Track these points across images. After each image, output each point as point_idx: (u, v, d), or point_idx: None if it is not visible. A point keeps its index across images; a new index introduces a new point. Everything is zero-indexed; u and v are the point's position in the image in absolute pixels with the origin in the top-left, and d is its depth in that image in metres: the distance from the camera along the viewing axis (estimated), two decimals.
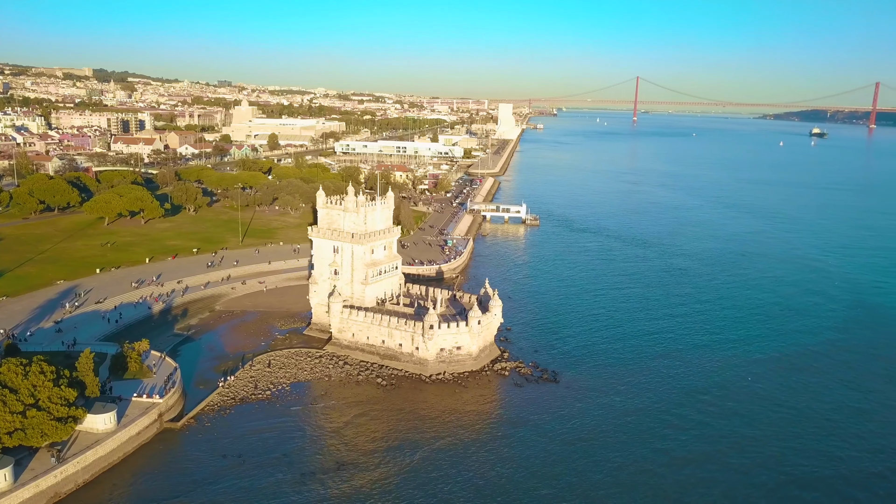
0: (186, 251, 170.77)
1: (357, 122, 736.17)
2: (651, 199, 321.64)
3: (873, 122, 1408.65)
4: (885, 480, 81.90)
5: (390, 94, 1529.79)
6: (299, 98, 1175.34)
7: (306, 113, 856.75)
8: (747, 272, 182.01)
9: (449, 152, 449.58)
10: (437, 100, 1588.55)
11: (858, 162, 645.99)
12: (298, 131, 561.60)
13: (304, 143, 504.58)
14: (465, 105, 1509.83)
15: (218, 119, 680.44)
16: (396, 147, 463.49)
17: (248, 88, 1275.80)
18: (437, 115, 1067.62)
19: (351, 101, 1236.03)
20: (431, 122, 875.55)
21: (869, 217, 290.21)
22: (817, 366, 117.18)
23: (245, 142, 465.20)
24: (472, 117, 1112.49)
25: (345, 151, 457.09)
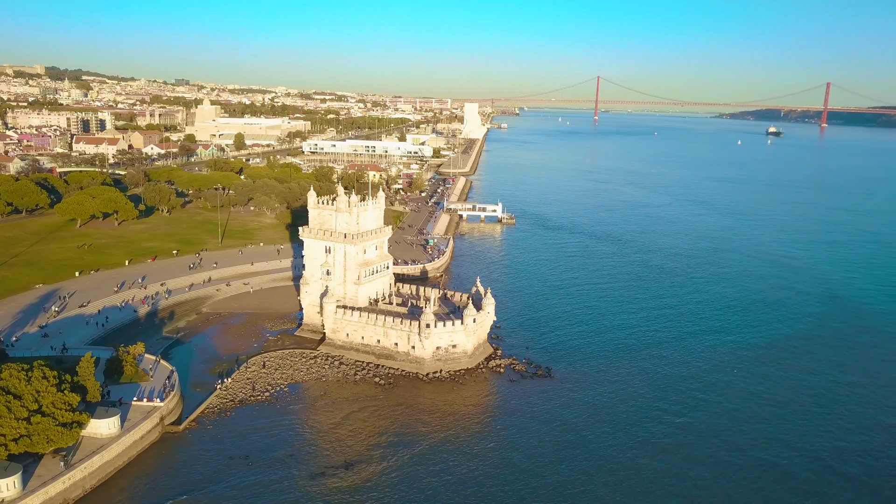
0: (166, 253, 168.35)
1: (322, 121, 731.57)
2: (620, 197, 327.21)
3: (825, 121, 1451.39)
4: (868, 456, 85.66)
5: (352, 93, 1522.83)
6: (260, 97, 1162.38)
7: (269, 112, 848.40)
8: (721, 268, 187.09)
9: (418, 152, 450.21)
10: (400, 99, 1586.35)
11: (813, 160, 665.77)
12: (264, 131, 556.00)
13: (270, 143, 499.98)
14: (428, 104, 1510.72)
15: (180, 118, 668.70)
16: (365, 146, 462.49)
17: (207, 87, 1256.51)
18: (401, 114, 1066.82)
19: (313, 101, 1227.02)
20: (396, 121, 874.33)
21: (828, 213, 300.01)
22: (796, 355, 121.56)
23: (210, 141, 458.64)
24: (436, 116, 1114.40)
25: (313, 151, 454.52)
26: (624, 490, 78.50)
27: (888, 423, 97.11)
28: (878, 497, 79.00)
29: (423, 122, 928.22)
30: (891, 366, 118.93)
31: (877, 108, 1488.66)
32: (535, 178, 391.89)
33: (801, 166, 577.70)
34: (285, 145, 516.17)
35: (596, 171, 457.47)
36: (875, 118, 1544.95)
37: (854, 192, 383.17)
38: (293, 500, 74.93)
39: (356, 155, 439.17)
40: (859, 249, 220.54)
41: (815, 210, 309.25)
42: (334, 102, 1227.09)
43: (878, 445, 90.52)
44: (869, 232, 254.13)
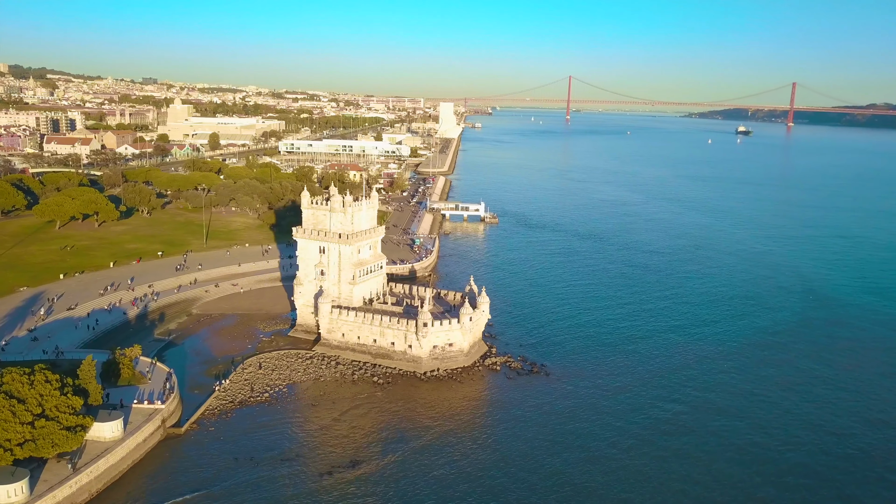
0: (150, 254, 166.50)
1: (296, 120, 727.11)
2: (599, 195, 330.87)
3: (791, 120, 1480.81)
4: (851, 438, 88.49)
5: (324, 92, 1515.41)
6: (231, 96, 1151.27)
7: (241, 112, 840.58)
8: (701, 264, 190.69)
9: (396, 151, 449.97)
10: (373, 98, 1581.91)
11: (782, 158, 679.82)
12: (238, 130, 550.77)
13: (245, 143, 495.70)
14: (400, 103, 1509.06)
15: (151, 118, 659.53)
16: (342, 146, 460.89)
17: (176, 86, 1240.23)
18: (374, 113, 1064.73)
19: (285, 100, 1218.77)
20: (370, 120, 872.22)
21: (800, 210, 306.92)
22: (780, 348, 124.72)
23: (184, 141, 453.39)
24: (409, 116, 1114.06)
25: (289, 151, 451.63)
26: (623, 483, 80.00)
27: (872, 414, 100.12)
28: (868, 487, 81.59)
29: (396, 121, 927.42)
30: (870, 358, 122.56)
31: (840, 107, 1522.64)
32: (514, 178, 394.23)
33: (771, 165, 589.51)
34: (260, 145, 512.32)
35: (572, 170, 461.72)
36: (839, 117, 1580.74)
37: (823, 190, 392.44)
38: (304, 497, 75.26)
39: (333, 155, 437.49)
40: (832, 245, 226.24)
41: (787, 207, 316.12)
42: (307, 102, 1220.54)
43: (864, 434, 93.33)
44: (840, 228, 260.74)
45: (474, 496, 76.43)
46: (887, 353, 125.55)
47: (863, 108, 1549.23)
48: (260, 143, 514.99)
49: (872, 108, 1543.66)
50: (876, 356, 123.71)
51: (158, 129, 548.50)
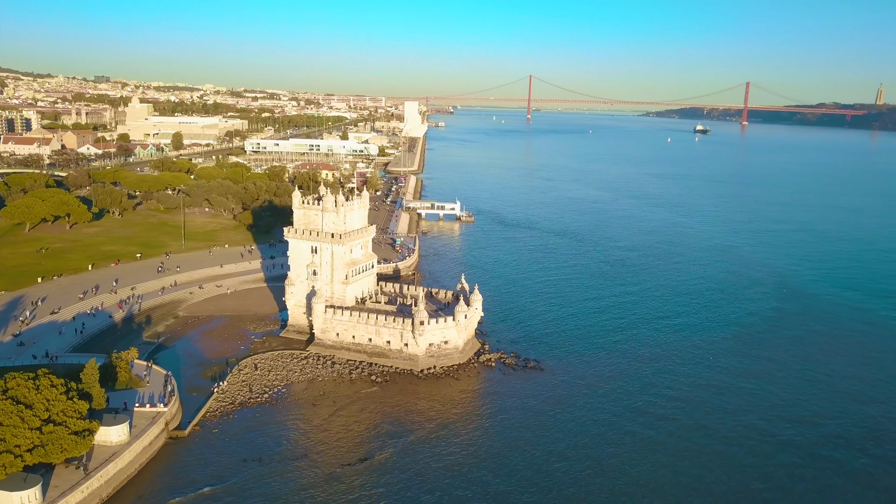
0: (129, 256, 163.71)
1: (258, 119, 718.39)
2: (568, 194, 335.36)
3: (745, 119, 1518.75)
4: (841, 436, 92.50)
5: (284, 91, 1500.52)
6: (188, 95, 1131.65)
7: (201, 111, 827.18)
8: (676, 259, 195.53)
9: (364, 150, 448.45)
10: (333, 97, 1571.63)
11: (740, 156, 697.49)
12: (202, 130, 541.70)
13: (209, 143, 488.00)
14: (361, 102, 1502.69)
15: (108, 117, 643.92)
16: (310, 145, 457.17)
17: (130, 84, 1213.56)
18: (336, 112, 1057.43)
19: (245, 98, 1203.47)
20: (333, 119, 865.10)
21: (764, 207, 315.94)
22: (761, 340, 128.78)
23: (145, 141, 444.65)
24: (371, 115, 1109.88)
25: (256, 150, 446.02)
26: (621, 475, 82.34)
27: (853, 400, 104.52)
28: (858, 478, 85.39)
29: (359, 120, 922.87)
30: (846, 347, 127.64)
31: (792, 106, 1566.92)
32: (483, 177, 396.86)
33: (731, 162, 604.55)
34: (224, 144, 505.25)
35: (540, 168, 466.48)
36: (790, 116, 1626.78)
37: (784, 187, 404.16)
38: (317, 489, 76.02)
39: (301, 154, 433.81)
40: (797, 240, 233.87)
41: (751, 204, 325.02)
42: (266, 100, 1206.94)
43: (850, 422, 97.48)
44: (804, 223, 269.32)
45: (485, 484, 77.82)
46: (860, 343, 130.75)
47: (813, 107, 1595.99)
48: (224, 143, 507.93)
49: (822, 108, 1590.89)
50: (851, 345, 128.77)
51: (118, 128, 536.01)
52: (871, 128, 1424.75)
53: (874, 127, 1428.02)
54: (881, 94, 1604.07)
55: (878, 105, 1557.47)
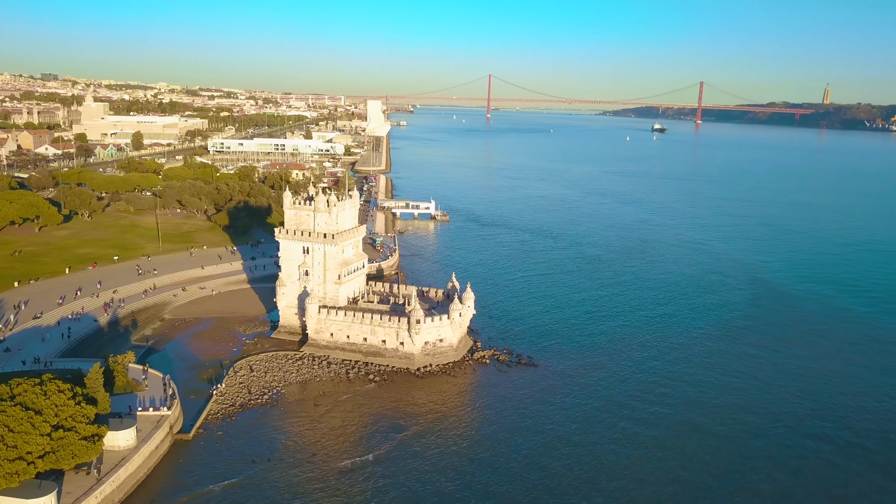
0: (103, 259, 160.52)
1: (217, 119, 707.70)
2: (537, 192, 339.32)
3: (699, 118, 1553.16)
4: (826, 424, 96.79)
5: (241, 90, 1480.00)
6: (141, 93, 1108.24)
7: (157, 110, 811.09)
8: (651, 256, 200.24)
9: (330, 149, 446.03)
10: (291, 96, 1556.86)
11: (697, 154, 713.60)
12: (161, 129, 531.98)
13: (170, 142, 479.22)
14: (320, 101, 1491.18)
15: (61, 116, 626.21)
16: (275, 145, 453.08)
17: (80, 83, 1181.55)
18: (296, 111, 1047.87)
19: (201, 97, 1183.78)
20: (294, 118, 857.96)
21: (726, 203, 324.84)
22: (741, 333, 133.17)
23: (103, 141, 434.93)
24: (331, 114, 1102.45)
25: (219, 150, 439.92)
26: (618, 464, 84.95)
27: (835, 388, 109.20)
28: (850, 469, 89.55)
29: (320, 119, 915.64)
30: (822, 337, 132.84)
31: (744, 105, 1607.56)
32: (452, 176, 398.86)
33: (689, 160, 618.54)
34: (186, 144, 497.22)
35: (506, 167, 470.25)
36: (742, 115, 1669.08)
37: (743, 184, 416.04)
38: (329, 490, 76.45)
39: (266, 154, 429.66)
40: (761, 235, 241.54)
41: (714, 200, 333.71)
42: (223, 99, 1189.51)
43: (835, 411, 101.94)
44: (765, 219, 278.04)
45: (492, 479, 79.44)
46: (830, 333, 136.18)
47: (764, 106, 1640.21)
48: (185, 143, 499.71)
49: (772, 107, 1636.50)
50: (822, 336, 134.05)
51: (73, 128, 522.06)
52: (818, 126, 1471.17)
53: (822, 125, 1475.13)
54: (828, 93, 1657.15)
55: (826, 104, 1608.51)
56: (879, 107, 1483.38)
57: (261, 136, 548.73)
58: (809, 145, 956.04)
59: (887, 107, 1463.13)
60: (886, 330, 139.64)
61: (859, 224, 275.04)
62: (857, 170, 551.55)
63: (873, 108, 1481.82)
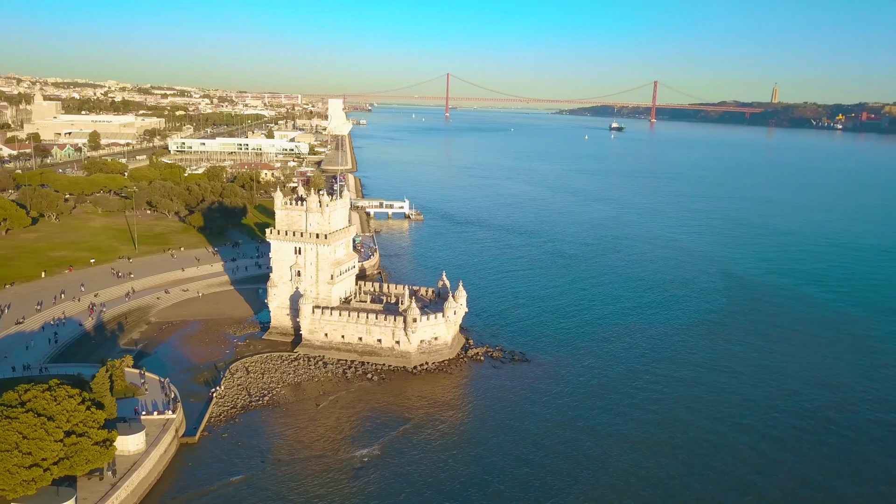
0: (79, 263, 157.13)
1: (173, 118, 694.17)
2: (506, 191, 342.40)
3: (654, 116, 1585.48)
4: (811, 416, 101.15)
5: (194, 88, 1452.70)
6: (91, 92, 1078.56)
7: (109, 108, 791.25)
8: (625, 252, 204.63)
9: (295, 149, 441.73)
10: (247, 94, 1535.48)
11: (655, 152, 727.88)
12: (118, 129, 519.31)
13: (128, 142, 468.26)
14: (277, 100, 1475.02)
15: (9, 115, 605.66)
16: (238, 144, 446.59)
17: (25, 80, 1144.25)
18: (253, 110, 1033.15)
19: (153, 96, 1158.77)
20: (252, 117, 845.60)
21: (691, 200, 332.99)
22: (722, 325, 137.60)
23: (57, 141, 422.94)
24: (289, 112, 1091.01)
25: (180, 150, 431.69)
26: (613, 451, 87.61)
27: (814, 376, 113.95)
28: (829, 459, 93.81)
29: (279, 118, 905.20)
30: (795, 329, 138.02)
31: (696, 104, 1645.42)
32: (419, 175, 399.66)
33: (648, 158, 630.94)
34: (144, 143, 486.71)
35: (473, 166, 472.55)
36: (695, 114, 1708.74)
37: (704, 181, 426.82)
38: (343, 488, 77.02)
39: (229, 153, 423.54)
40: (727, 231, 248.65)
41: (678, 197, 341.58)
42: (177, 98, 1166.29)
43: (817, 401, 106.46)
44: (730, 214, 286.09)
45: (507, 472, 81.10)
46: (803, 326, 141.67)
47: (715, 105, 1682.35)
48: (144, 142, 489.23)
49: (724, 106, 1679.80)
50: (796, 328, 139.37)
51: (25, 127, 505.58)
52: (767, 124, 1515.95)
53: (771, 124, 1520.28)
54: (776, 92, 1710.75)
55: (774, 103, 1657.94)
56: (825, 106, 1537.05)
57: (222, 136, 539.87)
58: (760, 143, 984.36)
59: (832, 106, 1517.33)
60: (852, 319, 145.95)
61: (818, 218, 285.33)
62: (809, 167, 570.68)
63: (819, 107, 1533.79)
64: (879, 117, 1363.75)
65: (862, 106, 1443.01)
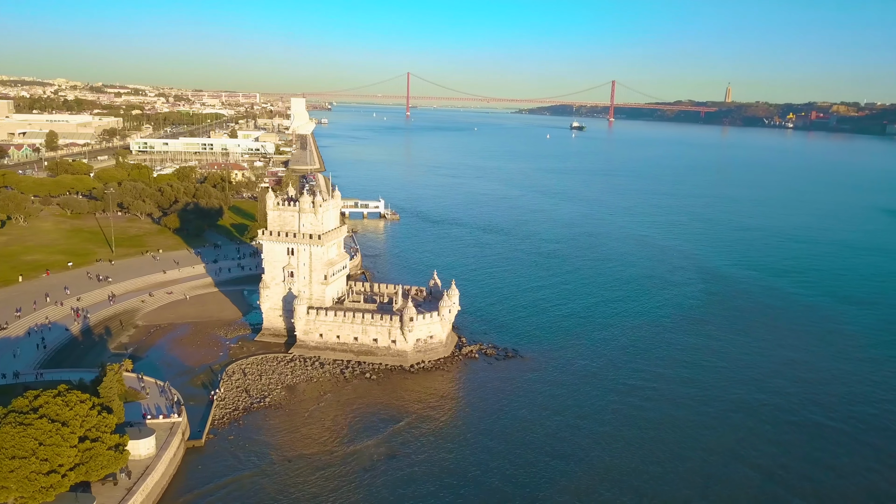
0: (56, 266, 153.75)
1: (130, 117, 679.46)
2: (477, 190, 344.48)
3: (612, 115, 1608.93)
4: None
5: (147, 87, 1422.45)
6: (40, 90, 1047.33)
7: (62, 107, 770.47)
8: (601, 249, 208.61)
9: (261, 148, 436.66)
10: (203, 93, 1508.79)
11: (616, 151, 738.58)
12: (75, 129, 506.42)
13: (87, 142, 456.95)
14: (234, 99, 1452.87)
15: None
16: (202, 144, 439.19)
17: None
18: (211, 109, 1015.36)
19: (106, 94, 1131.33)
20: (211, 116, 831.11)
21: (656, 197, 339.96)
22: (701, 319, 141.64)
23: (10, 141, 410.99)
24: (248, 111, 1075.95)
25: (142, 150, 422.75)
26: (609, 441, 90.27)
27: (788, 367, 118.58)
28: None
29: (239, 117, 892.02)
30: (770, 321, 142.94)
31: (653, 103, 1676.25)
32: (389, 174, 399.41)
33: (610, 157, 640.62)
34: (104, 144, 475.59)
35: (441, 166, 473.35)
36: (652, 112, 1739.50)
37: (666, 179, 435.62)
38: (356, 486, 77.74)
39: (193, 153, 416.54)
40: (695, 228, 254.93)
41: (644, 195, 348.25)
42: (131, 97, 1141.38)
43: (797, 389, 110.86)
44: (695, 211, 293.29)
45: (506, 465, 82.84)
46: (779, 317, 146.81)
47: (671, 104, 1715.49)
48: (104, 142, 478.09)
49: (679, 105, 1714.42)
50: (771, 319, 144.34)
51: None
52: (722, 123, 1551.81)
53: (725, 122, 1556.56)
54: (729, 92, 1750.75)
55: (727, 102, 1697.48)
56: (776, 105, 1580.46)
57: (183, 135, 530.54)
58: (716, 141, 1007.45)
59: (783, 105, 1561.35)
60: (820, 309, 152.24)
61: (778, 214, 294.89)
62: (764, 165, 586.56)
63: (770, 107, 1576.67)
64: (828, 116, 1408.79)
65: (811, 105, 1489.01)
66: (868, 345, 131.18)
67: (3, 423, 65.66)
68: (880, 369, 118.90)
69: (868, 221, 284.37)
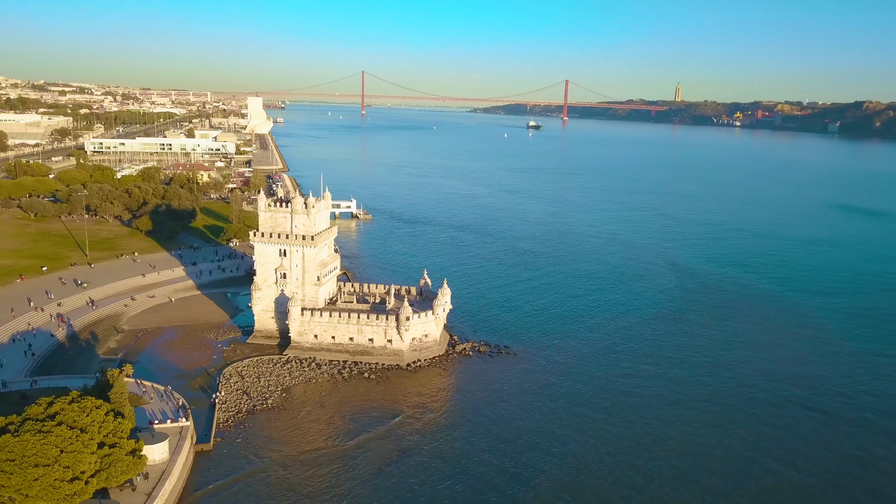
0: (29, 271, 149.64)
1: (78, 116, 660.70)
2: (445, 189, 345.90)
3: (566, 114, 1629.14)
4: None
5: (93, 85, 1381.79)
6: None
7: (4, 106, 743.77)
8: (575, 247, 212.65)
9: (222, 148, 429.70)
10: (152, 92, 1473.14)
11: (574, 150, 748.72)
12: (24, 128, 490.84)
13: (38, 142, 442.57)
14: (184, 97, 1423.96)
15: None
16: (160, 144, 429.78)
17: None
18: (161, 108, 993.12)
19: (50, 93, 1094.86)
20: (163, 115, 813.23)
21: (619, 195, 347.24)
22: (678, 312, 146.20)
23: None
24: (201, 110, 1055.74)
25: (98, 150, 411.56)
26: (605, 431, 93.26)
27: (771, 348, 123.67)
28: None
29: (192, 116, 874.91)
30: (748, 314, 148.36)
31: (605, 103, 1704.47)
32: (353, 173, 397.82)
33: (569, 156, 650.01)
34: (56, 144, 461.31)
35: (405, 165, 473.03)
36: (604, 111, 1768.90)
37: (626, 177, 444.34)
38: (367, 485, 78.67)
39: (151, 154, 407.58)
40: (662, 224, 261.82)
41: (608, 193, 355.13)
42: (77, 95, 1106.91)
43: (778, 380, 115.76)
44: (656, 209, 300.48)
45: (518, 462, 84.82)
46: (752, 311, 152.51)
47: (623, 103, 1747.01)
48: (55, 143, 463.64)
49: (631, 104, 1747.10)
50: (746, 313, 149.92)
51: None
52: (672, 122, 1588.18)
53: (675, 121, 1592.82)
54: (679, 91, 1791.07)
55: (677, 102, 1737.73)
56: (724, 104, 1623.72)
57: (138, 135, 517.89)
58: (666, 140, 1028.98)
59: (730, 104, 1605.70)
60: (788, 302, 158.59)
61: (736, 209, 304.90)
62: (716, 162, 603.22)
63: (719, 105, 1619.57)
64: (773, 115, 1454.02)
65: (757, 104, 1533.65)
66: (838, 336, 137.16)
67: (22, 431, 64.54)
68: (849, 360, 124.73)
69: (822, 216, 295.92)
